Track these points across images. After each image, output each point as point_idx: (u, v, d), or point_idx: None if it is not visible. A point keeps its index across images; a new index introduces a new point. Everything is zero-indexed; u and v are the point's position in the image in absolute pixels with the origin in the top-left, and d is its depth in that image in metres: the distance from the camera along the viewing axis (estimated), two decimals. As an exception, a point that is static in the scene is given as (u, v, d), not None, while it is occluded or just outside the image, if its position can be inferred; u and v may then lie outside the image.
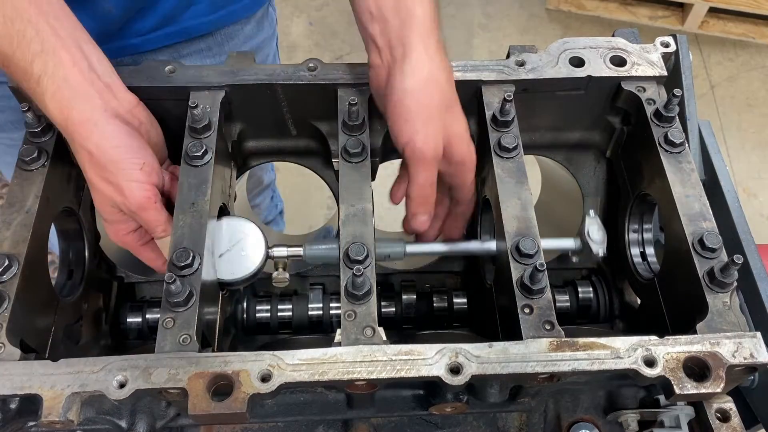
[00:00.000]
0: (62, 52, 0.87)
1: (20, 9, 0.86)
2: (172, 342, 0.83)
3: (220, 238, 0.99)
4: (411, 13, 0.91)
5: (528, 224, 0.94)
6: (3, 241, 0.89)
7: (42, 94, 0.87)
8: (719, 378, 0.80)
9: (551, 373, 0.81)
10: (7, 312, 0.83)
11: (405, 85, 0.90)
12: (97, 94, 0.89)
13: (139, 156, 0.90)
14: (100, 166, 0.89)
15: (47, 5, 0.88)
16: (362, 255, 0.89)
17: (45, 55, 0.86)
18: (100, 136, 0.88)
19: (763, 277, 1.03)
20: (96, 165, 0.89)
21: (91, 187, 0.94)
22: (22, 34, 0.86)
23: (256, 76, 1.04)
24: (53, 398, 0.77)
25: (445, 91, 0.95)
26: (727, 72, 3.63)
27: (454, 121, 0.96)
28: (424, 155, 0.93)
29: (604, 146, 1.19)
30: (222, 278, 0.97)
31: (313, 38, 3.71)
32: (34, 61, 0.86)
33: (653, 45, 1.09)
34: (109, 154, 0.88)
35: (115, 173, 0.89)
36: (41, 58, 0.86)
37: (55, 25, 0.88)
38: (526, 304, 0.87)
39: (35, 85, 0.87)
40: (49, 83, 0.87)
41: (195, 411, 0.77)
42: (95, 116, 0.88)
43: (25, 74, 0.87)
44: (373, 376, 0.80)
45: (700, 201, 0.94)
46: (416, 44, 0.91)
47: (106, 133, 0.88)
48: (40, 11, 0.87)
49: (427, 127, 0.92)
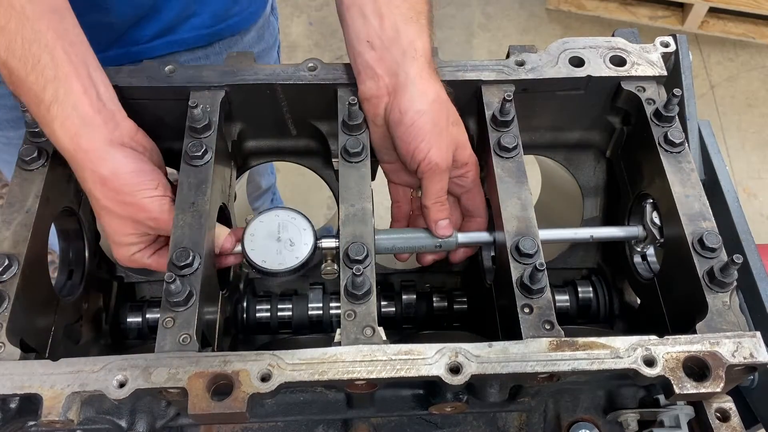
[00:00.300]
0: (74, 80, 0.89)
1: (39, 32, 0.87)
2: (172, 342, 0.83)
3: (270, 228, 1.00)
4: (413, 46, 0.97)
5: (528, 224, 0.94)
6: (3, 241, 0.89)
7: (51, 122, 0.89)
8: (719, 378, 0.80)
9: (551, 373, 0.81)
10: (7, 312, 0.83)
11: (417, 108, 0.97)
12: (104, 124, 0.91)
13: (152, 177, 0.94)
14: (116, 190, 0.91)
15: (64, 30, 0.90)
16: (362, 255, 0.89)
17: (57, 81, 0.88)
18: (114, 163, 0.91)
19: (763, 277, 1.03)
20: (112, 190, 0.91)
21: (104, 215, 0.95)
22: (38, 59, 0.87)
23: (256, 76, 1.04)
24: (53, 398, 0.77)
25: (450, 108, 1.01)
26: (727, 72, 3.63)
27: (459, 133, 1.03)
28: (439, 167, 0.99)
29: (604, 146, 1.19)
30: (270, 268, 0.98)
31: (313, 38, 3.71)
32: (46, 87, 0.88)
33: (653, 45, 1.09)
34: (124, 179, 0.91)
35: (133, 194, 0.92)
36: (53, 84, 0.88)
37: (69, 51, 0.89)
38: (526, 303, 0.87)
39: (45, 111, 0.89)
40: (59, 111, 0.88)
41: (195, 410, 0.77)
42: (104, 145, 0.91)
43: (36, 99, 0.89)
44: (372, 375, 0.80)
45: (700, 201, 0.94)
46: (418, 71, 0.97)
47: (118, 159, 0.91)
48: (58, 36, 0.89)
49: (440, 143, 0.98)
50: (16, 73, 0.88)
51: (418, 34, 0.98)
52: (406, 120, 0.97)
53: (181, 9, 1.26)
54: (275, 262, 0.98)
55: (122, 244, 0.97)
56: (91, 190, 0.92)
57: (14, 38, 0.86)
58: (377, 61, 0.98)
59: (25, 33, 0.87)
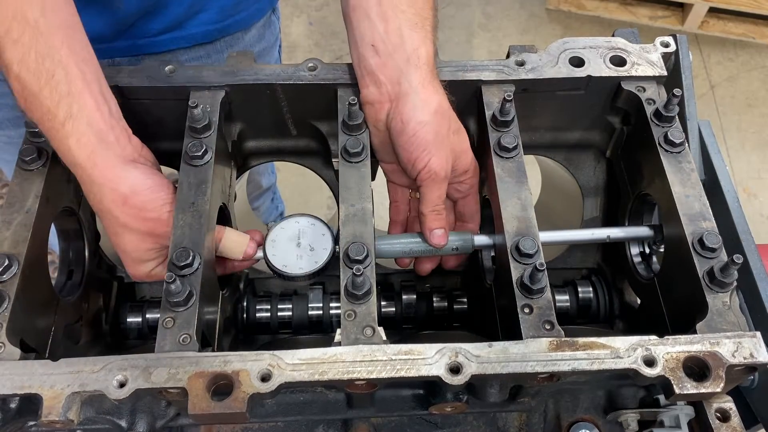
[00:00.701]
0: (87, 97, 0.89)
1: (53, 48, 0.87)
2: (172, 342, 0.83)
3: (290, 234, 1.03)
4: (417, 53, 0.97)
5: (528, 224, 0.94)
6: (3, 241, 0.89)
7: (66, 138, 0.89)
8: (719, 378, 0.80)
9: (551, 373, 0.81)
10: (7, 312, 0.83)
11: (419, 118, 0.97)
12: (116, 141, 0.92)
13: (165, 189, 0.94)
14: (138, 207, 0.92)
15: (77, 47, 0.90)
16: (362, 255, 0.89)
17: (71, 97, 0.88)
18: (132, 180, 0.91)
19: (763, 277, 1.03)
20: (132, 207, 0.92)
21: (123, 233, 0.94)
22: (51, 74, 0.87)
23: (256, 76, 1.04)
24: (53, 398, 0.77)
25: (451, 117, 1.01)
26: (727, 72, 3.63)
27: (460, 141, 1.04)
28: (438, 176, 1.00)
29: (604, 146, 1.19)
30: (290, 273, 1.00)
31: (313, 38, 3.71)
32: (60, 103, 0.88)
33: (653, 45, 1.09)
34: (144, 195, 0.92)
35: (155, 210, 0.93)
36: (67, 100, 0.88)
37: (83, 69, 0.90)
38: (526, 303, 0.87)
39: (59, 126, 0.88)
40: (74, 128, 0.88)
41: (195, 410, 0.77)
42: (120, 163, 0.91)
43: (48, 113, 0.88)
44: (373, 375, 0.80)
45: (700, 201, 0.94)
46: (420, 80, 0.97)
47: (135, 176, 0.92)
48: (71, 52, 0.89)
49: (440, 152, 0.99)
50: (29, 88, 0.87)
51: (423, 41, 0.98)
52: (408, 130, 0.97)
53: (189, 4, 1.26)
54: (296, 266, 1.00)
55: (142, 261, 0.98)
56: (110, 210, 0.92)
57: (28, 52, 0.86)
58: (380, 67, 0.98)
59: (39, 47, 0.87)
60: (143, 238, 0.95)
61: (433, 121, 0.97)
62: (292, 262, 1.01)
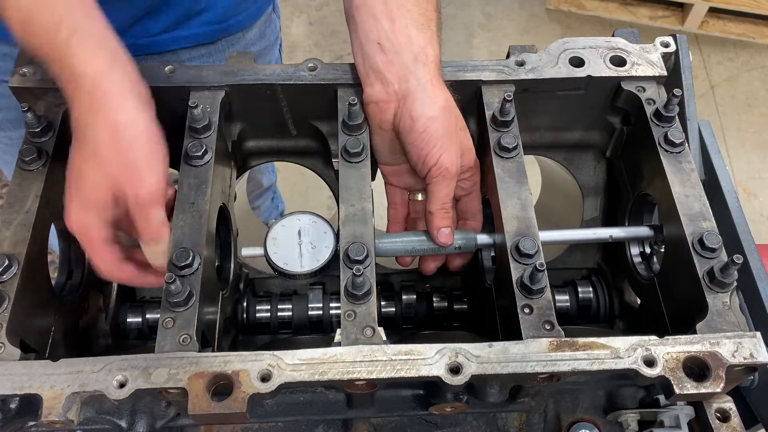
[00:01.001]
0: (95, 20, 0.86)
1: None
2: (172, 342, 0.83)
3: (291, 232, 1.02)
4: (425, 52, 0.98)
5: (528, 224, 0.94)
6: (3, 241, 0.89)
7: (71, 55, 0.82)
8: (719, 378, 0.80)
9: (551, 373, 0.81)
10: (7, 312, 0.83)
11: (429, 114, 0.97)
12: (125, 68, 0.87)
13: (162, 143, 0.88)
14: (126, 142, 0.82)
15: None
16: (362, 255, 0.89)
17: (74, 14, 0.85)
18: (134, 111, 0.84)
19: (763, 277, 1.03)
20: (120, 140, 0.82)
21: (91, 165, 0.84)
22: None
23: (256, 76, 1.04)
24: (53, 398, 0.77)
25: (458, 114, 1.02)
26: (727, 72, 3.63)
27: (465, 138, 1.04)
28: (449, 172, 1.00)
29: (604, 146, 1.19)
30: (291, 271, 1.00)
31: (313, 38, 3.71)
32: (62, 20, 0.83)
33: (653, 45, 1.09)
34: (139, 130, 0.84)
35: (139, 158, 0.84)
36: (70, 17, 0.84)
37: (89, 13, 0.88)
38: (526, 304, 0.87)
39: (63, 40, 0.82)
40: (80, 45, 0.82)
41: (195, 411, 0.77)
42: (126, 89, 0.85)
43: (48, 32, 0.83)
44: (373, 375, 0.80)
45: (700, 201, 0.94)
46: (429, 78, 0.97)
47: (137, 108, 0.85)
48: None
49: (451, 147, 0.99)
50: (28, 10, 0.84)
51: (430, 41, 0.98)
52: (419, 126, 0.97)
53: (191, 3, 1.26)
54: (297, 264, 1.00)
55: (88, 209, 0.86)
56: (95, 135, 0.83)
57: None
58: (387, 65, 0.97)
59: None
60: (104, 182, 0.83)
61: (442, 117, 0.98)
62: (294, 260, 1.00)
